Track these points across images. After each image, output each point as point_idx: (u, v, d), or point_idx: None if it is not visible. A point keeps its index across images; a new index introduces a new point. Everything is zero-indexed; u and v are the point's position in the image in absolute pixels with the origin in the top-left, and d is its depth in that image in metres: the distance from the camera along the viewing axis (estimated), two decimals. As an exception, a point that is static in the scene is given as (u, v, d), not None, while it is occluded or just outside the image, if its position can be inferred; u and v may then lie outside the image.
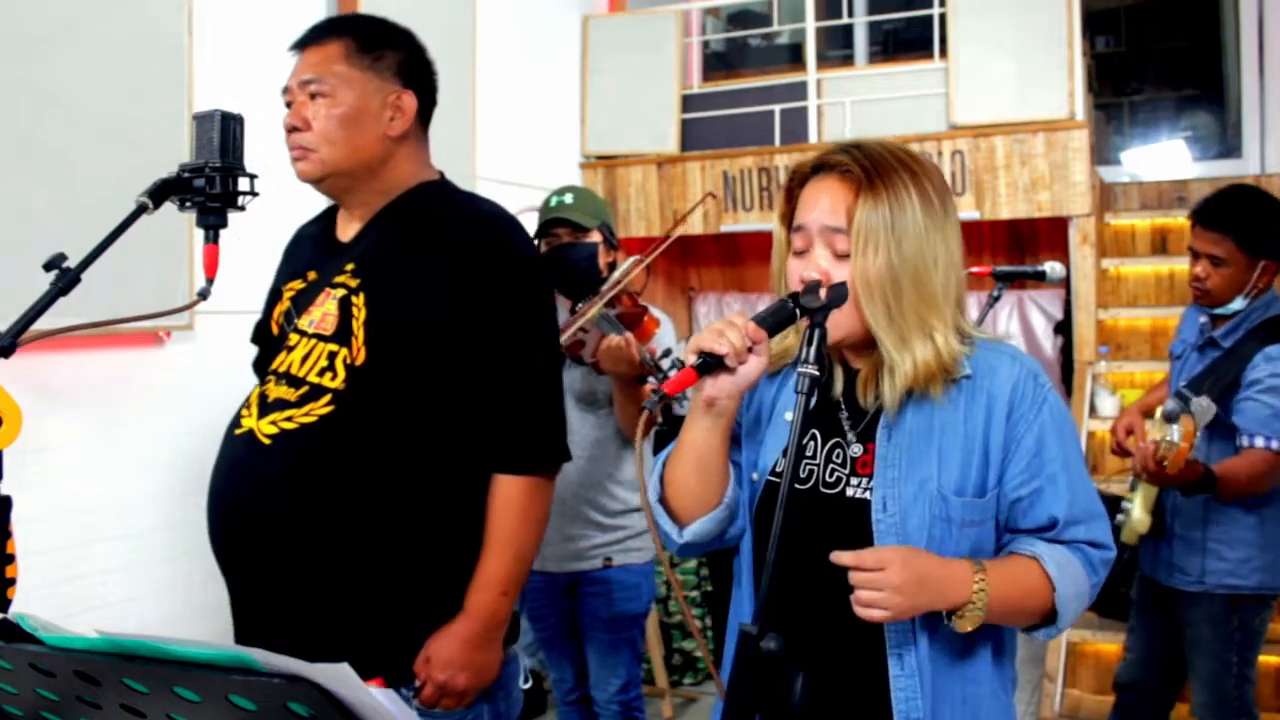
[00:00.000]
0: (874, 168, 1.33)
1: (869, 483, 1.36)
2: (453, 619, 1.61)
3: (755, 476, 1.45)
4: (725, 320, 1.28)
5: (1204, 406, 2.32)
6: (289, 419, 1.60)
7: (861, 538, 1.34)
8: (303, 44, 1.73)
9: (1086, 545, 1.36)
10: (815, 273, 1.32)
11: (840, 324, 1.33)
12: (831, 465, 1.40)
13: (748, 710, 1.19)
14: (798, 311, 1.30)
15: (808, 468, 1.41)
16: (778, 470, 1.42)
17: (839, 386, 1.42)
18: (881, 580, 1.23)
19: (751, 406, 1.49)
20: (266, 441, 1.60)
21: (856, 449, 1.39)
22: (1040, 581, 1.33)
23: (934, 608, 1.28)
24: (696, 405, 1.34)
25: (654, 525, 1.24)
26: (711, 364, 1.27)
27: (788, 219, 1.41)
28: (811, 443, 1.42)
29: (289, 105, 1.71)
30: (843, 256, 1.33)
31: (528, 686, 1.79)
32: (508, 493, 1.65)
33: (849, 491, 1.37)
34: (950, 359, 1.33)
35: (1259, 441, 2.44)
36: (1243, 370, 2.50)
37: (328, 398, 1.60)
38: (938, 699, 1.35)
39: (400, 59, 1.73)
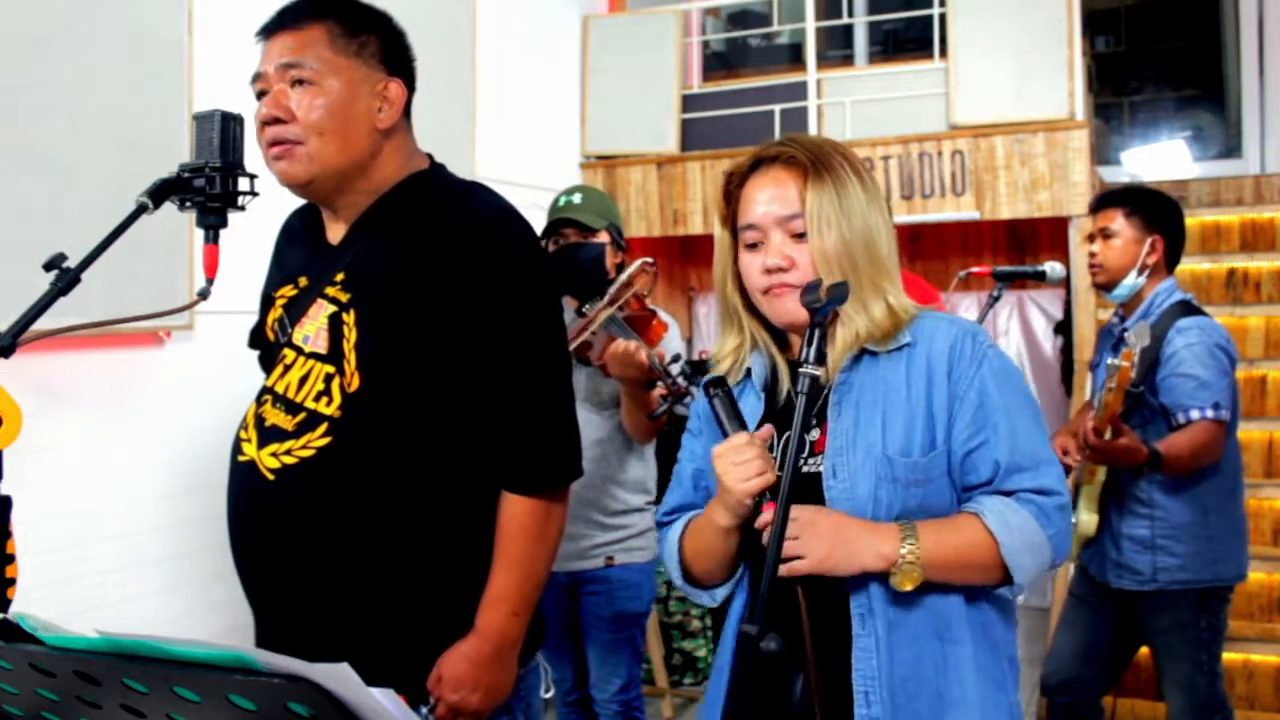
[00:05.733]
0: (816, 155, 1.42)
1: (823, 458, 1.40)
2: (463, 637, 1.56)
3: None
4: (741, 457, 1.34)
5: (1140, 331, 2.41)
6: (288, 452, 1.54)
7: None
8: (276, 28, 1.58)
9: (1034, 494, 1.36)
10: (777, 259, 1.40)
11: (796, 307, 1.37)
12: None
13: (748, 710, 1.19)
14: (712, 396, 1.42)
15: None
16: None
17: (786, 381, 1.49)
18: (792, 529, 1.30)
19: (704, 423, 1.56)
20: (270, 477, 1.55)
21: (814, 433, 1.43)
22: (981, 535, 1.34)
23: (860, 559, 1.31)
24: (726, 522, 1.40)
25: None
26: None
27: (730, 220, 1.48)
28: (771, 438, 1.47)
29: (261, 95, 1.57)
30: (799, 236, 1.41)
31: (549, 696, 1.77)
32: (516, 512, 1.57)
33: (804, 469, 1.41)
34: (903, 312, 1.41)
35: (1194, 414, 2.50)
36: (1159, 350, 2.57)
37: (324, 427, 1.53)
38: (898, 661, 1.36)
39: (382, 44, 1.61)
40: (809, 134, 1.57)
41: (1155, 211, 2.72)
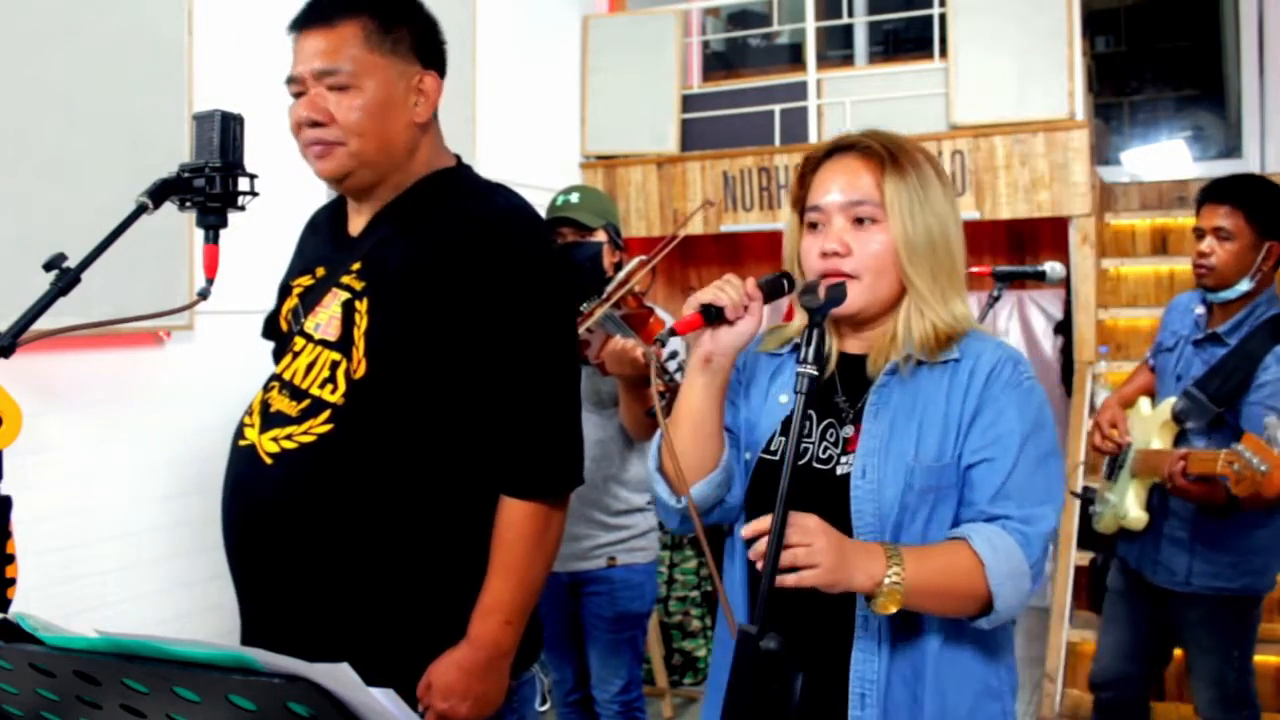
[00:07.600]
0: (894, 147, 1.43)
1: (854, 456, 1.41)
2: (456, 645, 1.53)
3: (749, 456, 1.49)
4: (724, 278, 1.37)
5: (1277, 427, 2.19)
6: (289, 437, 1.53)
7: (841, 508, 1.38)
8: (309, 22, 1.57)
9: (1019, 522, 1.35)
10: (834, 243, 1.41)
11: (862, 293, 1.40)
12: (825, 444, 1.45)
13: (746, 710, 1.19)
14: (786, 285, 1.43)
15: (803, 444, 1.45)
16: (771, 448, 1.47)
17: (832, 368, 1.48)
18: (803, 536, 1.24)
19: (744, 373, 1.56)
20: (268, 461, 1.53)
21: (848, 430, 1.44)
22: (968, 561, 1.32)
23: (853, 579, 1.27)
24: (694, 365, 1.42)
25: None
26: (712, 314, 1.35)
27: (801, 203, 1.48)
28: (807, 422, 1.46)
29: (297, 95, 1.57)
30: (859, 223, 1.41)
31: (545, 709, 1.74)
32: (514, 518, 1.55)
33: (839, 470, 1.42)
34: (964, 320, 1.42)
35: (1276, 451, 2.32)
36: (1253, 371, 2.45)
37: (326, 414, 1.52)
38: (896, 665, 1.37)
39: (415, 35, 1.60)
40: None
41: (1277, 215, 2.55)
